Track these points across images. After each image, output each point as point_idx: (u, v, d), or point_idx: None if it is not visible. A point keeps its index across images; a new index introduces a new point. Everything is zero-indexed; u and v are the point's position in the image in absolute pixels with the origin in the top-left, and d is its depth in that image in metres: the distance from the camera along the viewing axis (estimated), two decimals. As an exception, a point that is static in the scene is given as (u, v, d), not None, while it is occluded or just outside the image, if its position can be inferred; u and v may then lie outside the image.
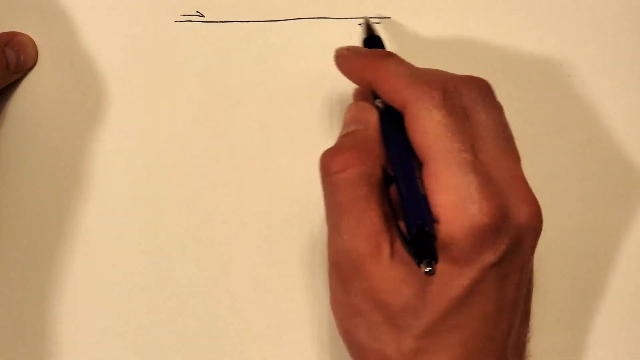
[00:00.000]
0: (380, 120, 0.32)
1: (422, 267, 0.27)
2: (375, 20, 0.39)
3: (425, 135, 0.30)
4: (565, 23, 0.39)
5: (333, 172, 0.31)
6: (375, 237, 0.30)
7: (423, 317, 0.30)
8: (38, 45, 0.40)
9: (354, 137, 0.32)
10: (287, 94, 0.39)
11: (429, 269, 0.27)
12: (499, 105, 0.32)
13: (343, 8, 0.39)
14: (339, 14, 0.39)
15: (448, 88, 0.30)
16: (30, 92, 0.40)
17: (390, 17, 0.39)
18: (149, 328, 0.39)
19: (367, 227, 0.30)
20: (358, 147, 0.32)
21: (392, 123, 0.32)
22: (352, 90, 0.36)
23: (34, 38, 0.40)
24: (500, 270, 0.30)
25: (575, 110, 0.39)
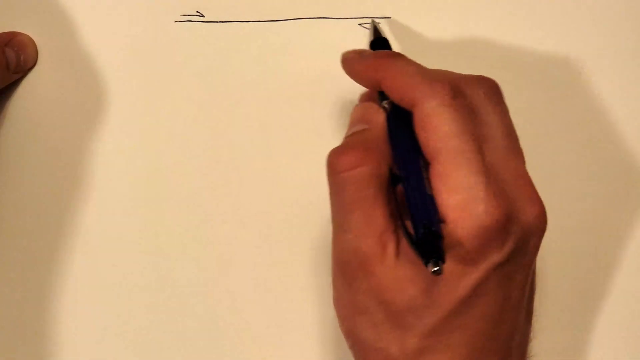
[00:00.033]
0: (387, 120, 0.32)
1: (429, 267, 0.27)
2: (375, 20, 0.39)
3: (434, 134, 0.30)
4: (566, 23, 0.39)
5: (340, 171, 0.31)
6: (381, 236, 0.30)
7: (428, 316, 0.30)
8: (38, 45, 0.40)
9: (361, 136, 0.32)
10: (287, 94, 0.39)
11: (437, 269, 0.27)
12: (506, 106, 0.32)
13: (343, 8, 0.39)
14: (339, 14, 0.39)
15: (458, 87, 0.30)
16: (30, 92, 0.40)
17: (390, 17, 0.39)
18: (149, 328, 0.39)
19: (373, 226, 0.30)
20: (365, 146, 0.31)
21: (399, 123, 0.32)
22: (352, 91, 0.36)
23: (34, 38, 0.40)
24: (506, 271, 0.30)
25: (576, 110, 0.39)
